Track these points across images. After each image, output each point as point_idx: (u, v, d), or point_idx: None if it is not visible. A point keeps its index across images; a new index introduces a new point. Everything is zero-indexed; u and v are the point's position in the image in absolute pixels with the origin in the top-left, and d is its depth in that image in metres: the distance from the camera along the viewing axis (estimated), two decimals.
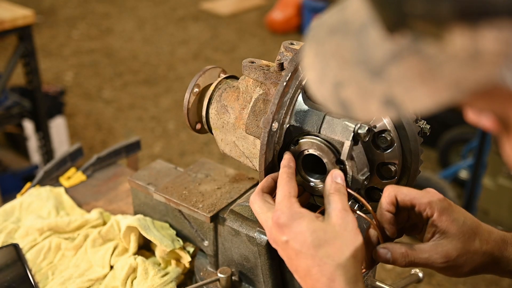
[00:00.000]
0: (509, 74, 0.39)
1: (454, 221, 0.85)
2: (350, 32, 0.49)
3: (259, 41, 5.88)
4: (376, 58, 0.46)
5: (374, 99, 0.47)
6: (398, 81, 0.45)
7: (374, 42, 0.46)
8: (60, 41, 5.83)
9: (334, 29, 0.51)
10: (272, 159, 0.92)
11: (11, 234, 1.30)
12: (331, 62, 0.51)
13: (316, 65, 0.53)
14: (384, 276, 2.85)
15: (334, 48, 0.50)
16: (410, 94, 0.45)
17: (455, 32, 0.39)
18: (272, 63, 1.03)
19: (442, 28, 0.40)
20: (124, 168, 1.63)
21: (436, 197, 0.87)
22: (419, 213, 0.87)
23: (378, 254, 0.86)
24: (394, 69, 0.45)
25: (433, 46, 0.42)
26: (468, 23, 0.38)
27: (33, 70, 3.00)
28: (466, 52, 0.40)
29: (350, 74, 0.49)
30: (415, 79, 0.44)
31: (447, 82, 0.42)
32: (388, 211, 0.87)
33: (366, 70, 0.47)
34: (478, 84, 0.41)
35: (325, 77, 0.51)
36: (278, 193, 0.84)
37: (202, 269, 1.20)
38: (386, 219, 0.87)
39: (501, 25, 0.37)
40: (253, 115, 1.00)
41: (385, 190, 0.88)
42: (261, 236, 1.05)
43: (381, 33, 0.45)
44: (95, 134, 4.21)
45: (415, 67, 0.44)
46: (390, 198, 0.87)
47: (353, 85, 0.49)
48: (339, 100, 0.50)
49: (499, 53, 0.38)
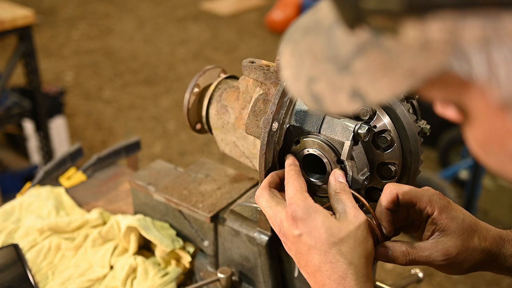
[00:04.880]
0: (456, 62, 0.42)
1: (453, 218, 0.86)
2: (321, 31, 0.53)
3: (259, 41, 5.88)
4: (342, 53, 0.50)
5: (343, 92, 0.51)
6: (362, 74, 0.49)
7: (340, 39, 0.50)
8: (60, 41, 5.83)
9: (308, 29, 0.55)
10: (272, 159, 0.92)
11: (11, 234, 1.30)
12: (305, 60, 0.54)
13: (291, 64, 0.57)
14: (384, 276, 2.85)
15: (307, 47, 0.54)
16: (373, 85, 0.49)
17: (407, 25, 0.43)
18: (272, 63, 1.03)
19: (395, 21, 0.43)
20: (124, 168, 1.63)
21: (436, 195, 0.87)
22: (419, 211, 0.88)
23: (379, 252, 0.86)
24: (358, 62, 0.49)
25: (390, 39, 0.45)
26: (416, 16, 0.42)
27: (33, 70, 3.00)
28: (418, 43, 0.43)
29: (321, 70, 0.52)
30: (377, 70, 0.48)
31: (404, 72, 0.46)
32: (387, 208, 0.87)
33: (334, 66, 0.51)
34: (431, 72, 0.45)
35: (299, 74, 0.55)
36: (290, 188, 0.84)
37: (202, 269, 1.20)
38: (385, 216, 0.87)
39: (444, 16, 0.40)
40: (253, 115, 1.00)
41: (385, 187, 0.88)
42: (261, 236, 1.05)
43: (344, 30, 0.48)
44: (95, 134, 4.21)
45: (376, 59, 0.47)
46: (391, 196, 0.87)
47: (324, 80, 0.52)
48: (312, 94, 0.54)
49: (445, 42, 0.41)
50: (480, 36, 0.40)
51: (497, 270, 0.91)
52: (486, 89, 0.42)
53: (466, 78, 0.42)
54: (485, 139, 0.48)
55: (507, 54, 0.39)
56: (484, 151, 0.49)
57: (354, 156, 0.88)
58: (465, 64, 0.41)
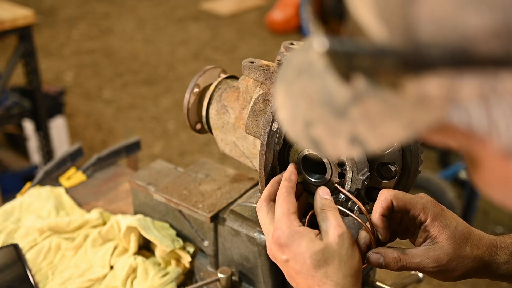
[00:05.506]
0: (455, 116, 0.41)
1: (446, 226, 0.86)
2: (314, 74, 0.51)
3: (259, 41, 5.88)
4: (338, 100, 0.48)
5: (341, 138, 0.49)
6: (360, 121, 0.47)
7: (334, 86, 0.48)
8: (60, 41, 5.83)
9: (301, 70, 0.54)
10: (272, 159, 0.92)
11: (11, 234, 1.30)
12: (300, 103, 0.53)
13: (287, 105, 0.55)
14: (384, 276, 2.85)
15: (302, 89, 0.53)
16: (373, 132, 0.47)
17: (403, 79, 0.42)
18: (272, 63, 1.03)
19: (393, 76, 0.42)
20: (124, 168, 1.63)
21: (430, 203, 0.88)
22: (413, 218, 0.88)
23: (371, 259, 0.87)
24: (355, 109, 0.47)
25: (387, 90, 0.44)
26: (412, 73, 0.41)
27: (33, 70, 3.00)
28: (415, 97, 0.42)
29: (318, 114, 0.51)
30: (376, 118, 0.46)
31: (403, 122, 0.45)
32: (383, 214, 0.88)
33: (331, 111, 0.49)
34: (430, 124, 0.44)
35: (296, 116, 0.54)
36: (277, 210, 0.86)
37: (202, 269, 1.20)
38: (380, 223, 0.88)
39: (441, 74, 0.39)
40: (253, 115, 1.00)
41: (380, 194, 0.89)
42: (261, 236, 1.05)
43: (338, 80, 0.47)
44: (95, 134, 4.21)
45: (374, 108, 0.46)
46: (386, 202, 0.88)
47: (322, 125, 0.51)
48: (311, 139, 0.53)
49: (443, 98, 0.41)
50: (478, 93, 0.39)
51: (490, 277, 0.92)
52: (487, 140, 0.41)
53: (466, 130, 0.42)
54: (489, 180, 0.47)
55: (507, 109, 0.39)
56: (488, 188, 0.48)
57: (354, 156, 0.88)
58: (464, 118, 0.41)
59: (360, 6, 0.44)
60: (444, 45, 0.38)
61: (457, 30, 0.38)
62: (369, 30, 0.43)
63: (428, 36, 0.39)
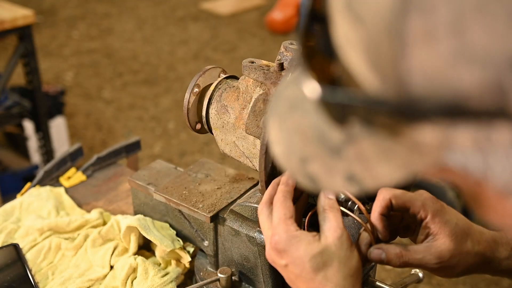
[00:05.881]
0: (451, 159, 0.41)
1: (446, 223, 0.86)
2: (307, 110, 0.51)
3: (259, 41, 5.88)
4: (332, 139, 0.48)
5: (338, 175, 0.49)
6: (356, 160, 0.47)
7: (327, 127, 0.48)
8: (60, 41, 5.83)
9: (293, 104, 0.53)
10: (273, 159, 0.92)
11: (11, 234, 1.30)
12: (295, 138, 0.52)
13: (281, 141, 0.54)
14: (384, 276, 2.85)
15: (295, 125, 0.52)
16: (369, 172, 0.47)
17: (397, 126, 0.42)
18: (272, 63, 1.03)
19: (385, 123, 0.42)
20: (124, 168, 1.63)
21: (429, 200, 0.88)
22: (413, 215, 0.88)
23: (373, 254, 0.87)
24: (350, 149, 0.47)
25: (381, 135, 0.44)
26: (406, 123, 0.40)
27: (33, 70, 3.00)
28: (410, 142, 0.42)
29: (313, 151, 0.50)
30: (371, 160, 0.46)
31: (399, 164, 0.45)
32: (382, 214, 0.88)
33: (326, 149, 0.49)
34: (427, 167, 0.44)
35: (291, 152, 0.53)
36: (274, 215, 0.86)
37: (202, 269, 1.20)
38: (379, 222, 0.88)
39: (434, 123, 0.39)
40: (253, 115, 1.00)
41: (379, 193, 0.89)
42: (261, 236, 1.05)
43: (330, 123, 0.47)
44: (95, 134, 4.21)
45: (369, 150, 0.46)
46: (385, 201, 0.88)
47: (318, 161, 0.51)
48: (307, 175, 0.52)
49: (437, 145, 0.41)
50: (473, 142, 0.39)
51: (491, 273, 0.92)
52: (483, 182, 0.41)
53: (462, 172, 0.41)
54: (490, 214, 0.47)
55: (502, 157, 0.38)
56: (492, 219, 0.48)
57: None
58: (459, 161, 0.40)
59: (351, 52, 0.43)
60: (437, 99, 0.38)
61: (449, 85, 0.37)
62: (361, 77, 0.43)
63: (420, 89, 0.39)
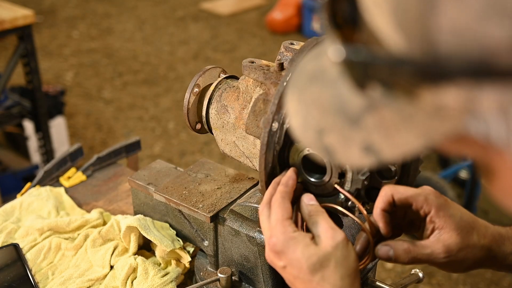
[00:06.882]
0: (473, 126, 0.40)
1: (451, 216, 0.86)
2: (327, 81, 0.51)
3: (259, 41, 5.88)
4: (352, 108, 0.48)
5: (355, 146, 0.49)
6: (374, 130, 0.47)
7: (348, 93, 0.48)
8: (60, 41, 5.83)
9: (313, 77, 0.53)
10: (272, 159, 0.92)
11: (11, 234, 1.30)
12: (313, 110, 0.53)
13: (299, 112, 0.55)
14: (384, 276, 2.86)
15: (314, 97, 0.52)
16: (388, 142, 0.47)
17: (420, 89, 0.41)
18: (272, 63, 1.03)
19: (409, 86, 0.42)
20: (124, 168, 1.63)
21: (432, 194, 0.88)
22: (417, 211, 0.88)
23: (380, 252, 0.87)
24: (369, 118, 0.47)
25: (402, 100, 0.43)
26: (431, 84, 0.40)
27: (33, 70, 3.00)
28: (432, 107, 0.42)
29: (331, 122, 0.50)
30: (390, 128, 0.46)
31: (418, 132, 0.44)
32: (384, 210, 0.88)
33: (344, 119, 0.49)
34: (447, 134, 0.43)
35: (308, 124, 0.53)
36: (272, 216, 0.86)
37: (202, 269, 1.20)
38: (381, 218, 0.88)
39: (459, 84, 0.38)
40: (253, 115, 1.00)
41: (381, 190, 0.89)
42: (261, 236, 1.05)
43: (352, 88, 0.46)
44: (95, 134, 4.21)
45: (388, 117, 0.45)
46: (386, 197, 0.88)
47: (335, 133, 0.50)
48: (323, 147, 0.52)
49: (461, 108, 0.40)
50: (498, 106, 0.38)
51: (497, 268, 0.92)
52: (505, 151, 0.41)
53: (483, 141, 0.41)
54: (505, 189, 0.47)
55: None
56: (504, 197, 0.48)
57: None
58: (482, 129, 0.40)
59: (377, 14, 0.43)
60: (464, 57, 0.37)
61: (478, 42, 0.37)
62: (386, 39, 0.43)
63: (448, 47, 0.38)
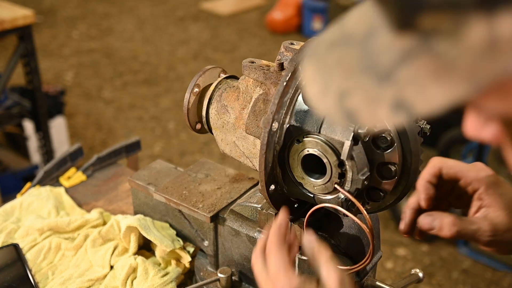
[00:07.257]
0: None
1: (501, 195, 0.83)
2: (353, 43, 0.49)
3: (259, 41, 5.88)
4: (383, 62, 0.46)
5: (383, 104, 0.46)
6: (408, 83, 0.44)
7: (381, 46, 0.46)
8: (60, 41, 5.83)
9: (335, 43, 0.51)
10: (272, 159, 0.92)
11: (11, 234, 1.30)
12: (334, 74, 0.50)
13: (317, 80, 0.52)
14: (384, 276, 2.85)
15: (336, 60, 0.50)
16: (422, 94, 0.44)
17: (471, 23, 0.39)
18: (272, 63, 1.03)
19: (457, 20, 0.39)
20: (124, 168, 1.63)
21: (484, 172, 0.85)
22: (465, 187, 0.85)
23: (423, 222, 0.83)
24: (404, 70, 0.44)
25: (446, 42, 0.41)
26: (485, 11, 0.37)
27: (33, 70, 3.00)
28: (482, 43, 0.39)
29: (356, 82, 0.48)
30: (427, 78, 0.43)
31: (462, 76, 0.41)
32: (429, 182, 0.85)
33: (373, 76, 0.46)
34: (495, 75, 0.40)
35: (328, 89, 0.51)
36: (272, 262, 0.82)
37: (202, 269, 1.20)
38: (425, 190, 0.85)
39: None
40: (253, 115, 1.00)
41: (430, 161, 0.86)
42: (261, 236, 1.05)
43: (389, 36, 0.44)
44: (95, 134, 4.21)
45: (426, 66, 0.43)
46: (434, 169, 0.85)
47: (360, 93, 0.48)
48: (345, 110, 0.50)
49: None
50: None
51: None
52: None
53: None
54: None
55: None
56: None
57: (354, 156, 0.88)
58: None
59: None
60: None
61: None
62: None
63: None
